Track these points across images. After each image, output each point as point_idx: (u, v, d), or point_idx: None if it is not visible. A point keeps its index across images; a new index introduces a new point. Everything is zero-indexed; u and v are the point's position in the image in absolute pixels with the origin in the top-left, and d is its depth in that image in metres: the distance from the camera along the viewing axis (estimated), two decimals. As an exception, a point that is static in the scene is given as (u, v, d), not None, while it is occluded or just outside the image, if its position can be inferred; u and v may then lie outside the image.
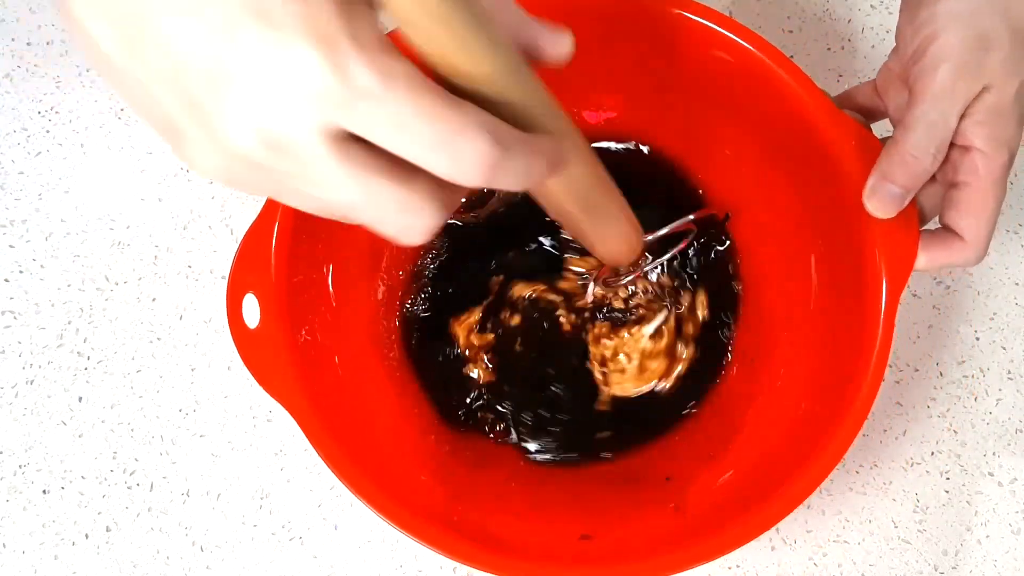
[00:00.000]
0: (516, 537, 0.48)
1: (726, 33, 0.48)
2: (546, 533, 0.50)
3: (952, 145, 0.44)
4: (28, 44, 0.61)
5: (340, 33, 0.25)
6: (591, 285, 0.54)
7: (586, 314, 0.55)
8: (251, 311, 0.44)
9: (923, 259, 0.46)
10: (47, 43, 0.61)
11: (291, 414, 0.43)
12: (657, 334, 0.55)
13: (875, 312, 0.45)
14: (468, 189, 0.28)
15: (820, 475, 0.43)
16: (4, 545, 0.53)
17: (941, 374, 0.57)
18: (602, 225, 0.42)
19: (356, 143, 0.26)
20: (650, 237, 0.49)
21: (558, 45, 0.32)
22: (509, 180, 0.28)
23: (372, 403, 0.52)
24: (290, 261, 0.45)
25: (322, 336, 0.49)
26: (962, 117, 0.43)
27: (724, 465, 0.51)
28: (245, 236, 0.45)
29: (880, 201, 0.45)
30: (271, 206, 0.45)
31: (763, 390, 0.53)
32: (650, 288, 0.56)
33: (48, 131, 0.59)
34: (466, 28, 0.27)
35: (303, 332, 0.46)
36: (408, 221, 0.28)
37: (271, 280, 0.44)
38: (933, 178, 0.46)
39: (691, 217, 0.52)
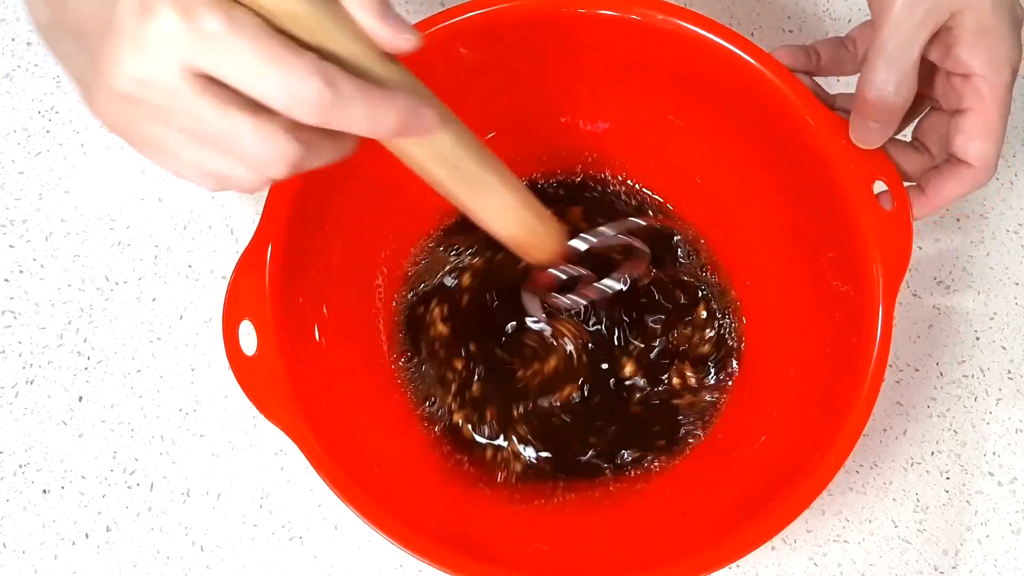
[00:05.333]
0: (518, 553, 0.48)
1: (714, 39, 0.48)
2: (546, 547, 0.50)
3: (952, 74, 0.44)
4: (28, 44, 0.61)
5: None
6: (529, 300, 0.52)
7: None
8: (248, 338, 0.44)
9: (938, 197, 0.46)
10: (47, 43, 0.61)
11: (293, 440, 0.43)
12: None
13: (873, 306, 0.45)
14: (336, 132, 0.33)
15: (823, 480, 0.43)
16: (4, 545, 0.53)
17: (941, 374, 0.57)
18: (481, 197, 0.43)
19: (217, 83, 0.32)
20: (582, 242, 0.49)
21: (396, 43, 0.35)
22: (348, 122, 0.33)
23: (372, 424, 0.52)
24: (284, 286, 0.45)
25: (320, 360, 0.49)
26: (952, 45, 0.43)
27: (725, 472, 0.51)
28: (238, 263, 0.45)
29: (860, 136, 0.46)
30: (264, 230, 0.45)
31: (762, 397, 0.53)
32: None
33: (48, 131, 0.59)
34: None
35: (301, 357, 0.46)
36: (266, 150, 0.33)
37: (267, 306, 0.44)
38: (940, 109, 0.46)
39: (639, 223, 0.51)
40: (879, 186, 0.46)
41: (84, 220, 0.58)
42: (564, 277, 0.50)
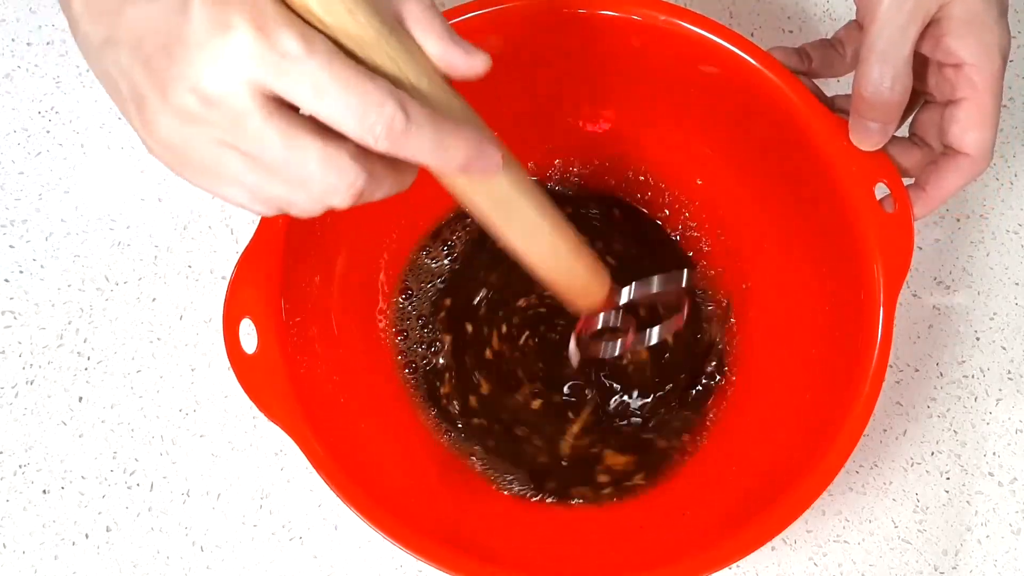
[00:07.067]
0: (518, 553, 0.48)
1: (716, 39, 0.48)
2: (546, 547, 0.50)
3: (944, 66, 0.44)
4: (28, 44, 0.61)
5: (271, 8, 0.30)
6: (571, 344, 0.51)
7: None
8: (248, 336, 0.44)
9: (938, 191, 0.46)
10: (47, 43, 0.60)
11: (292, 438, 0.43)
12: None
13: (874, 309, 0.45)
14: (399, 164, 0.33)
15: (823, 481, 0.43)
16: (4, 545, 0.53)
17: (941, 374, 0.57)
18: (533, 242, 0.42)
19: (286, 106, 0.31)
20: (626, 292, 0.48)
21: (470, 66, 0.34)
22: (417, 150, 0.32)
23: (373, 423, 0.52)
24: (286, 284, 0.45)
25: (321, 359, 0.49)
26: (941, 36, 0.43)
27: (726, 473, 0.51)
28: (239, 261, 0.45)
29: (860, 137, 0.46)
30: (265, 228, 0.45)
31: (762, 398, 0.53)
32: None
33: (48, 131, 0.59)
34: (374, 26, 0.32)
35: (301, 356, 0.46)
36: (332, 179, 0.32)
37: (267, 304, 0.44)
38: (935, 101, 0.46)
39: (683, 279, 0.49)
40: (881, 189, 0.46)
41: (84, 220, 0.58)
42: (604, 325, 0.49)
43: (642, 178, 0.58)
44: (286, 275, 0.45)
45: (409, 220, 0.56)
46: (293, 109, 0.31)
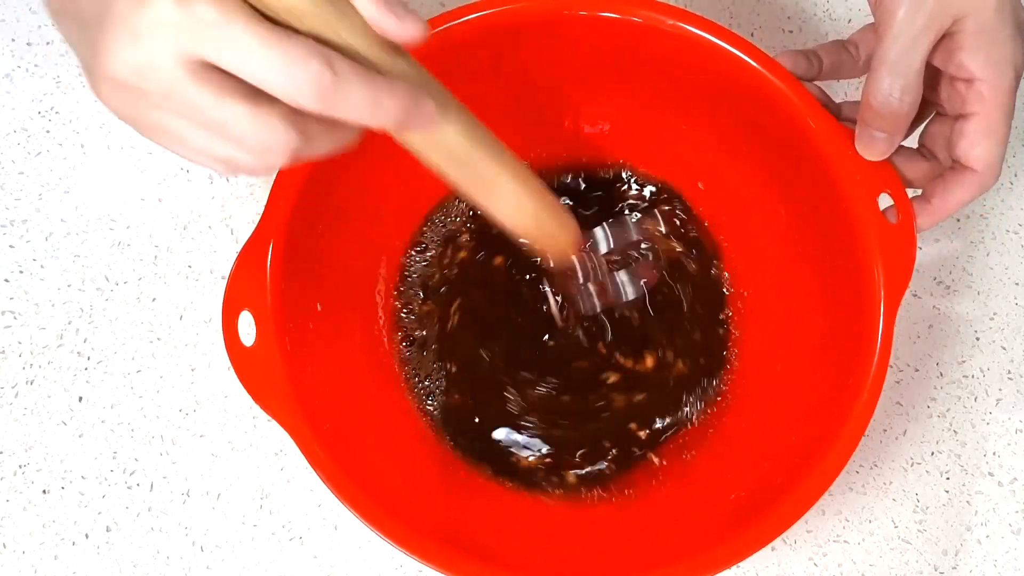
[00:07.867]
0: (518, 553, 0.48)
1: (719, 42, 0.47)
2: (545, 548, 0.50)
3: (956, 79, 0.44)
4: (28, 44, 0.61)
5: None
6: (550, 297, 0.53)
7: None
8: (247, 329, 0.44)
9: (944, 205, 0.46)
10: (47, 43, 0.60)
11: (288, 433, 0.43)
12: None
13: (874, 319, 0.45)
14: (335, 122, 0.33)
15: (823, 483, 0.43)
16: (4, 545, 0.53)
17: (941, 374, 0.57)
18: (494, 195, 0.43)
19: (214, 71, 0.32)
20: (593, 235, 0.50)
21: (401, 30, 0.34)
22: (350, 107, 0.32)
23: (371, 420, 0.52)
24: (285, 278, 0.45)
25: (319, 353, 0.49)
26: (955, 50, 0.43)
27: (727, 474, 0.51)
28: (240, 254, 0.45)
29: (866, 146, 0.45)
30: (266, 223, 0.45)
31: (762, 402, 0.53)
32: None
33: (48, 131, 0.59)
34: None
35: (300, 350, 0.46)
36: (265, 138, 0.33)
37: (267, 298, 0.44)
38: (945, 114, 0.46)
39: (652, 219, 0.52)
40: (885, 200, 0.46)
41: (84, 220, 0.58)
42: (581, 275, 0.50)
43: (643, 180, 0.58)
44: (286, 269, 0.45)
45: (410, 214, 0.56)
46: (227, 73, 0.32)
